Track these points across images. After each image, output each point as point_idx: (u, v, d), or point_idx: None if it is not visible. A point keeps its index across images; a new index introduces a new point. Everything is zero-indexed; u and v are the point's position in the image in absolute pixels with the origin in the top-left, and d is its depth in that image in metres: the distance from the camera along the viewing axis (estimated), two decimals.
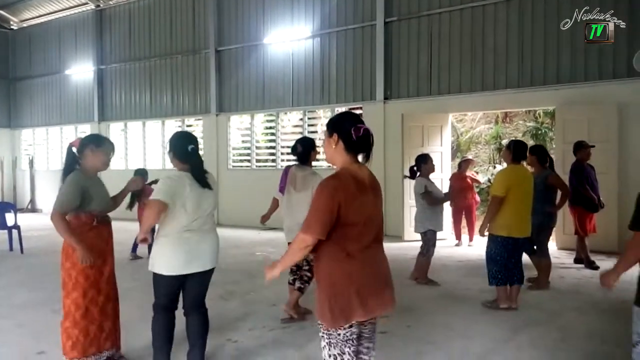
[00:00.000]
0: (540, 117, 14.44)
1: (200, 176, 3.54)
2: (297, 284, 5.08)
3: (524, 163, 5.59)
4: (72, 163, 3.74)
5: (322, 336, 2.52)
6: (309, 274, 5.04)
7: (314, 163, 5.48)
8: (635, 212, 2.62)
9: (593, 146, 7.20)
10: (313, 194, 4.82)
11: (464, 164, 9.83)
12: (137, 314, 4.71)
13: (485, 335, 4.63)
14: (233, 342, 4.49)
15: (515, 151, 5.34)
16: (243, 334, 4.73)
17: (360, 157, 2.55)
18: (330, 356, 2.51)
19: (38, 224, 12.59)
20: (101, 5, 15.84)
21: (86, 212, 3.66)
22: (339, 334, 2.48)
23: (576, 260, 7.55)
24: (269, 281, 2.60)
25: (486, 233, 5.44)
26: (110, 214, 3.96)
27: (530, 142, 13.51)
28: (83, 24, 16.33)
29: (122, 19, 15.45)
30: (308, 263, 5.04)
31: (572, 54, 9.04)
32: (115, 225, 3.99)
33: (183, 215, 3.39)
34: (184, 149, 3.53)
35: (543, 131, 14.08)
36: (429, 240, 6.53)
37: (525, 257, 5.69)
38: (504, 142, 13.73)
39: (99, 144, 3.76)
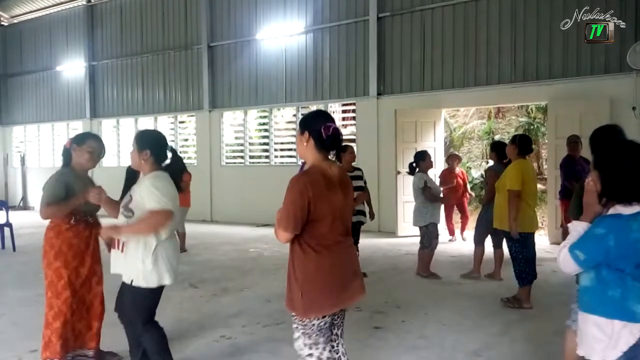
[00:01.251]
0: (532, 112, 14.49)
1: (177, 182, 3.32)
2: None
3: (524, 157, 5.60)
4: (67, 163, 3.75)
5: (297, 327, 2.61)
6: None
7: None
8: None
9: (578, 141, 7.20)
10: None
11: (451, 160, 9.74)
12: None
13: (480, 330, 4.65)
14: (227, 339, 4.48)
15: (520, 145, 5.35)
16: (237, 330, 4.72)
17: (330, 155, 2.66)
18: (305, 345, 2.60)
19: (30, 221, 12.49)
20: (92, 1, 15.72)
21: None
22: (314, 325, 2.56)
23: None
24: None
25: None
26: (100, 212, 3.85)
27: None
28: (74, 19, 16.20)
29: (113, 14, 15.34)
30: None
31: (564, 49, 9.06)
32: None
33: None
34: (164, 152, 3.30)
35: (535, 126, 14.13)
36: (431, 233, 6.66)
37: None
38: (497, 137, 13.76)
39: (80, 141, 3.71)
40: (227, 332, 4.67)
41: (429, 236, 6.66)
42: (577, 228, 2.24)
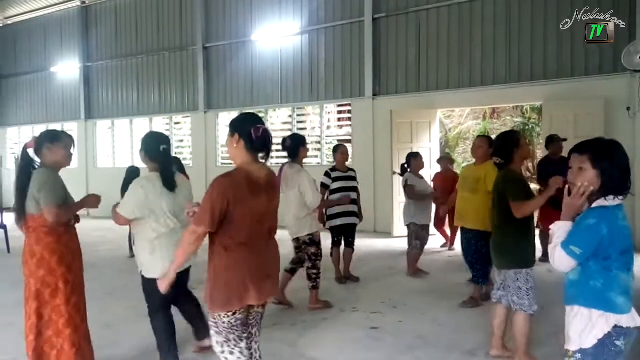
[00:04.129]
0: (527, 112, 14.55)
1: (167, 178, 3.53)
2: (310, 284, 5.33)
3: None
4: (28, 163, 3.49)
5: (212, 324, 2.67)
6: (314, 271, 5.30)
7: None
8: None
9: (565, 139, 7.23)
10: (302, 191, 5.02)
11: (442, 163, 9.05)
12: (128, 314, 4.68)
13: (476, 330, 4.66)
14: None
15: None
16: None
17: (260, 157, 2.68)
18: (217, 343, 2.67)
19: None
20: (87, 2, 15.66)
21: (41, 213, 3.37)
22: (223, 322, 2.61)
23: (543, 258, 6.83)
24: (166, 288, 2.85)
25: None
26: (99, 213, 3.86)
27: None
28: (69, 20, 16.14)
29: (108, 15, 15.30)
30: (310, 260, 5.30)
31: (558, 49, 9.10)
32: (106, 223, 3.95)
33: (161, 218, 3.48)
34: (156, 148, 3.57)
35: (530, 127, 14.20)
36: (412, 233, 6.74)
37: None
38: (493, 137, 13.78)
39: (53, 139, 3.53)
40: None
41: (410, 236, 6.79)
42: (563, 228, 2.30)
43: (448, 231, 8.77)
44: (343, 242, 6.57)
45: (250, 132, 2.58)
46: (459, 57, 10.08)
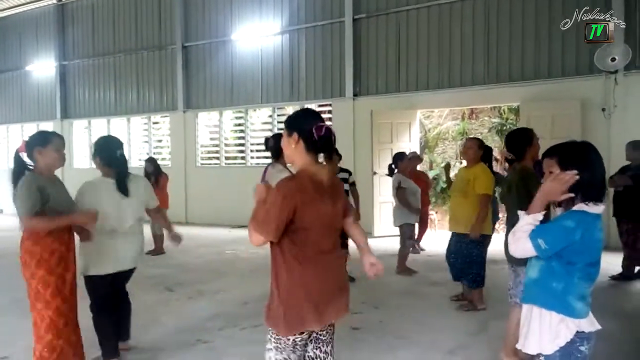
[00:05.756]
0: (505, 113, 14.70)
1: (121, 183, 3.68)
2: None
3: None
4: (21, 168, 3.50)
5: (270, 339, 2.43)
6: None
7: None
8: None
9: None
10: None
11: (412, 162, 8.12)
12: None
13: (456, 329, 4.69)
14: (203, 343, 4.43)
15: (486, 153, 5.52)
16: (214, 334, 4.67)
17: (321, 158, 2.43)
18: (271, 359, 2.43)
19: (0, 225, 12.20)
20: (63, 0, 15.40)
21: (42, 214, 3.34)
22: (289, 339, 2.38)
23: None
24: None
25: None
26: None
27: (496, 138, 13.76)
28: (44, 18, 15.85)
29: (84, 13, 15.06)
30: None
31: (535, 51, 9.23)
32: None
33: (104, 221, 3.55)
34: (112, 154, 3.67)
35: (508, 127, 14.33)
36: (404, 233, 6.82)
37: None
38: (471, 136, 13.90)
39: (44, 142, 3.47)
40: (203, 335, 4.61)
41: (402, 236, 6.85)
42: (531, 217, 2.22)
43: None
44: None
45: (311, 131, 2.32)
46: (439, 58, 10.16)
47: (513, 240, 2.24)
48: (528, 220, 2.22)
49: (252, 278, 6.80)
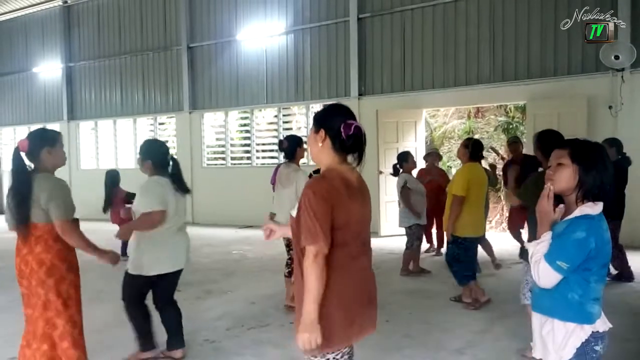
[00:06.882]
0: (511, 111, 14.65)
1: (182, 184, 3.90)
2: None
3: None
4: (23, 169, 3.26)
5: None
6: None
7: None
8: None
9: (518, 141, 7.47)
10: (297, 189, 4.98)
11: (429, 159, 8.43)
12: (117, 318, 4.62)
13: (463, 328, 4.69)
14: (211, 343, 4.45)
15: (473, 150, 5.38)
16: (221, 333, 4.69)
17: (350, 159, 2.24)
18: None
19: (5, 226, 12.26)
20: (69, 2, 15.46)
21: (51, 222, 3.19)
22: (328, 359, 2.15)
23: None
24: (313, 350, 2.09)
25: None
26: (79, 215, 3.77)
27: (502, 137, 13.72)
28: (50, 20, 15.93)
29: (90, 15, 15.12)
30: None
31: (542, 49, 9.19)
32: (92, 226, 3.92)
33: (170, 219, 3.74)
34: (165, 158, 3.86)
35: (514, 126, 14.29)
36: (413, 234, 6.76)
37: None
38: (476, 137, 13.88)
39: (54, 142, 3.31)
40: (210, 335, 4.63)
41: (411, 237, 6.78)
42: (544, 240, 2.14)
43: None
44: None
45: (339, 128, 2.15)
46: (444, 56, 10.13)
47: (536, 273, 2.12)
48: (536, 248, 2.15)
49: (260, 278, 6.81)
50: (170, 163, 3.91)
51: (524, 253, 3.95)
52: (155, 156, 3.84)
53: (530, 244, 2.21)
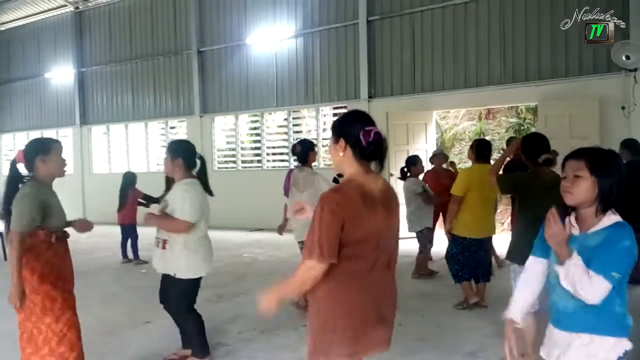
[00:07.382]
0: (522, 113, 14.57)
1: (208, 186, 4.00)
2: None
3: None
4: (16, 179, 3.28)
5: None
6: None
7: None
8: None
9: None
10: (317, 190, 4.95)
11: (436, 160, 8.21)
12: (127, 320, 4.66)
13: (475, 331, 4.66)
14: (222, 346, 4.46)
15: (478, 150, 5.39)
16: (233, 337, 4.70)
17: (372, 165, 2.20)
18: None
19: None
20: (80, 7, 15.61)
21: (44, 229, 3.20)
22: None
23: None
24: (264, 312, 2.26)
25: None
26: (92, 218, 3.82)
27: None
28: (62, 26, 16.09)
29: (101, 20, 15.26)
30: None
31: (552, 50, 9.13)
32: (103, 230, 3.94)
33: (202, 222, 3.86)
34: (194, 158, 3.91)
35: (525, 127, 14.20)
36: (425, 237, 6.77)
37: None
38: (487, 138, 13.82)
39: (47, 150, 3.28)
40: (222, 338, 4.64)
41: (423, 241, 6.79)
42: (572, 262, 1.99)
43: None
44: None
45: (358, 136, 2.09)
46: (454, 58, 10.10)
47: (584, 289, 1.96)
48: (570, 268, 2.00)
49: (271, 280, 6.79)
50: (198, 163, 3.95)
51: (510, 254, 3.94)
52: (187, 155, 3.86)
53: (560, 267, 2.05)
